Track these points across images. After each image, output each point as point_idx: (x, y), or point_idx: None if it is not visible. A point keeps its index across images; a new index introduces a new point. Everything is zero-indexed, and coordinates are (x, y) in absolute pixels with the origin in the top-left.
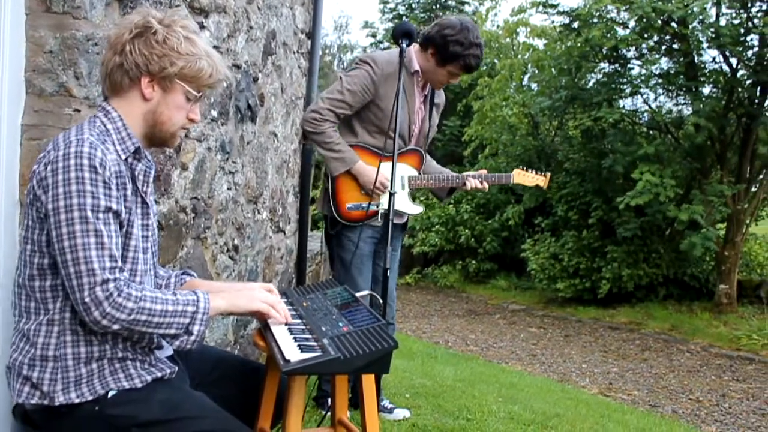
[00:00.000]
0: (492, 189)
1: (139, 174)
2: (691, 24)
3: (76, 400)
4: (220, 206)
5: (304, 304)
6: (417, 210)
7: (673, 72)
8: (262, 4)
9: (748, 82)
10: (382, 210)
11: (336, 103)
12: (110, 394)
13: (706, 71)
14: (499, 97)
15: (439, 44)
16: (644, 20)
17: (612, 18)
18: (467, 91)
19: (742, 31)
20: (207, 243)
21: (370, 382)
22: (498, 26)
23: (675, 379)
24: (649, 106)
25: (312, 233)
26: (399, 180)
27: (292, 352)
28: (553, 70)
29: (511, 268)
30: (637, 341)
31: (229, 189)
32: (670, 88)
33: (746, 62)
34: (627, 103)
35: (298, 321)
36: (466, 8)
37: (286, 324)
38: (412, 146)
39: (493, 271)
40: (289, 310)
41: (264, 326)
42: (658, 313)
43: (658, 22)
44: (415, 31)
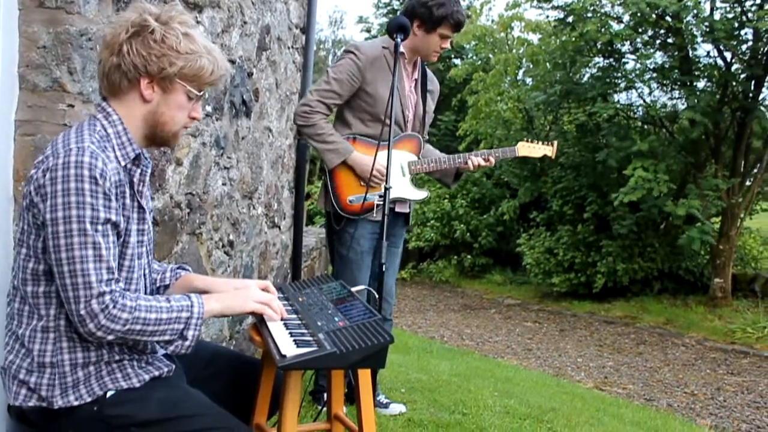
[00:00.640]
0: (487, 184)
1: (137, 178)
2: (685, 18)
3: (75, 402)
4: (215, 202)
5: (300, 299)
6: (421, 195)
7: (667, 66)
8: None
9: (742, 76)
10: (378, 203)
11: (324, 94)
12: (108, 394)
13: (701, 65)
14: (493, 91)
15: (422, 13)
16: (639, 15)
17: (606, 12)
18: (462, 85)
19: (736, 25)
20: (202, 238)
21: (366, 376)
22: (492, 21)
23: (670, 372)
24: (644, 101)
25: (307, 228)
26: (399, 167)
27: (287, 347)
28: (548, 64)
29: (507, 262)
30: (632, 335)
31: (224, 184)
32: (665, 82)
33: (740, 56)
34: (622, 98)
35: (294, 316)
36: (461, 2)
37: (282, 319)
38: (408, 132)
39: (488, 265)
40: (284, 306)
41: (260, 321)
42: (653, 307)
43: (653, 16)
44: (409, 25)
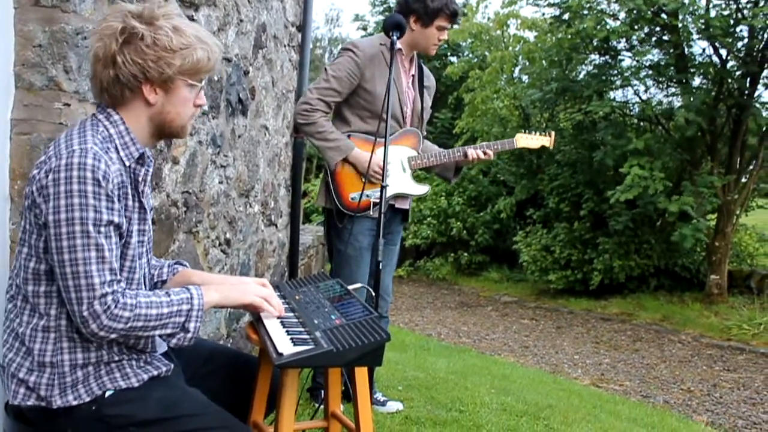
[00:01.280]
0: (483, 182)
1: (141, 177)
2: (681, 15)
3: (74, 402)
4: (211, 200)
5: (297, 298)
6: (423, 190)
7: (663, 63)
8: None
9: (737, 73)
10: (375, 201)
11: (324, 92)
12: (107, 394)
13: (696, 62)
14: (490, 89)
15: (418, 8)
16: (635, 12)
17: (602, 9)
18: (458, 83)
19: (732, 22)
20: (199, 237)
21: (363, 374)
22: (489, 18)
23: (666, 369)
24: (640, 98)
25: (304, 227)
26: (399, 162)
27: (284, 345)
28: (544, 62)
29: (503, 260)
30: (629, 332)
31: (220, 183)
32: (661, 79)
33: (736, 53)
34: (618, 95)
35: (291, 314)
36: None
37: (279, 317)
38: (407, 128)
39: (485, 263)
40: (281, 304)
41: (256, 319)
42: (650, 303)
43: (649, 13)
44: (405, 23)
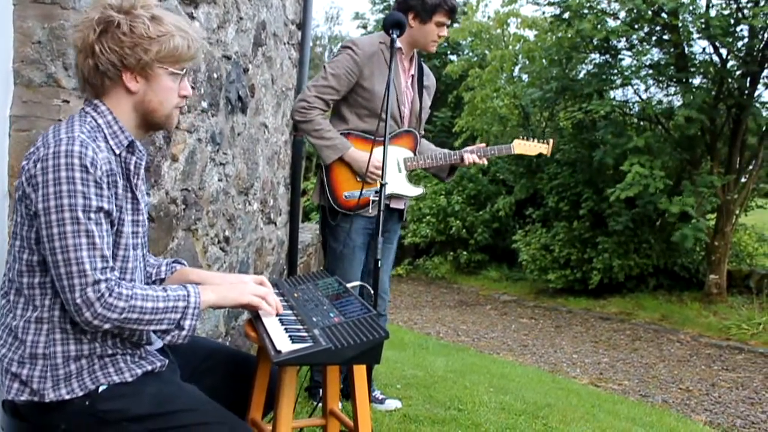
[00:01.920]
0: (482, 181)
1: (132, 167)
2: (681, 15)
3: (67, 396)
4: (210, 198)
5: (295, 295)
6: (417, 191)
7: (663, 63)
8: None
9: (737, 72)
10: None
11: (322, 90)
12: (101, 388)
13: (696, 62)
14: (489, 88)
15: (416, 4)
16: (635, 11)
17: (603, 9)
18: (458, 82)
19: (732, 21)
20: (198, 235)
21: (361, 372)
22: (489, 17)
23: (665, 368)
24: (640, 97)
25: (303, 225)
26: (395, 163)
27: (283, 342)
28: (544, 61)
29: (502, 259)
30: (628, 331)
31: (219, 180)
32: (661, 79)
33: (736, 53)
34: (618, 94)
35: (289, 312)
36: None
37: (277, 315)
38: (405, 128)
39: (484, 262)
40: (280, 301)
41: (255, 317)
42: (649, 303)
43: (649, 13)
44: (405, 21)
